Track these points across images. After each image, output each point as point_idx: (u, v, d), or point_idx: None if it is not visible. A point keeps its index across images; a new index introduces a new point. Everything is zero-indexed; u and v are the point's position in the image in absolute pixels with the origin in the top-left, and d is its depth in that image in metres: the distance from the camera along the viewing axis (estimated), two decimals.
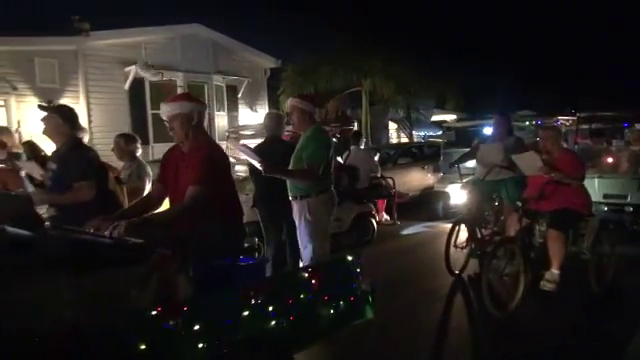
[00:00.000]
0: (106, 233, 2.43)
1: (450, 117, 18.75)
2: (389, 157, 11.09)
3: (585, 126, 9.49)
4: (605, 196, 6.88)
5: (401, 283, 5.45)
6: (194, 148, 2.92)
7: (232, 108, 13.15)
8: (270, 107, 14.30)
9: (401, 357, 3.63)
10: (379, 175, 7.92)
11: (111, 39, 10.59)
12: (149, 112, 11.26)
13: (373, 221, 7.27)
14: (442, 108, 19.12)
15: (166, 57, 11.43)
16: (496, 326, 4.03)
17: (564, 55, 28.42)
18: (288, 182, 4.03)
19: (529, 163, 4.61)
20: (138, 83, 11.07)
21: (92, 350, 1.82)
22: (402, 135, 21.15)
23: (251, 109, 13.68)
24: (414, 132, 20.42)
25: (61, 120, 3.45)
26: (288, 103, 4.08)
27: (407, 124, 19.11)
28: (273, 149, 4.56)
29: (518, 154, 4.81)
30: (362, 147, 7.97)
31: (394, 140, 21.28)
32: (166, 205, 3.13)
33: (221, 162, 2.93)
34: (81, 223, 2.62)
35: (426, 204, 9.36)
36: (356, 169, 7.32)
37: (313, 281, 3.09)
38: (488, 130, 16.55)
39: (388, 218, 8.09)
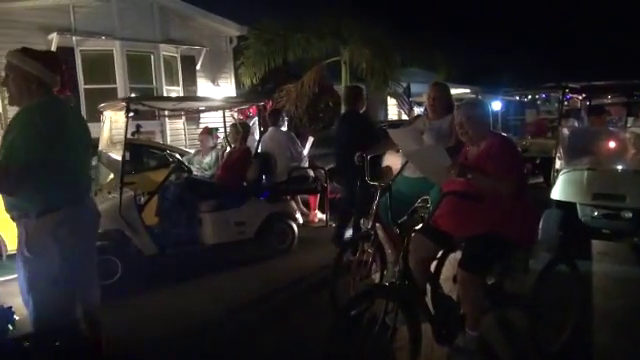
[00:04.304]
0: None
1: (462, 91, 16.71)
2: None
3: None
4: (595, 196, 5.05)
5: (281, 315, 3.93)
6: None
7: (189, 82, 11.57)
8: (236, 80, 12.69)
9: None
10: (305, 165, 6.28)
11: (29, 1, 9.10)
12: (81, 87, 9.82)
13: (292, 224, 5.67)
14: (453, 82, 17.10)
15: (100, 23, 9.89)
16: None
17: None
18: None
19: (430, 161, 2.90)
20: (67, 53, 9.57)
21: None
22: (403, 112, 19.18)
23: (213, 83, 12.09)
24: (416, 108, 18.44)
25: None
26: (7, 59, 2.48)
27: (405, 99, 17.16)
28: (346, 124, 5.10)
29: (413, 150, 3.09)
30: (283, 129, 6.31)
31: (395, 118, 19.35)
32: None
33: None
34: None
35: None
36: (269, 157, 5.71)
37: None
38: (497, 105, 14.51)
39: (323, 218, 6.47)
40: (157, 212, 5.44)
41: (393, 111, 20.13)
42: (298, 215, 5.81)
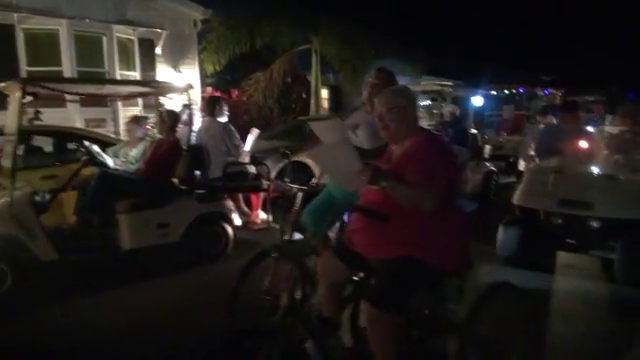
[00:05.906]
0: None
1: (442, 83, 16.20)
2: None
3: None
4: (562, 203, 4.52)
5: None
6: None
7: (148, 67, 10.79)
8: (200, 66, 11.94)
9: None
10: (246, 160, 5.65)
11: None
12: (23, 69, 9.01)
13: (227, 226, 5.06)
14: (435, 75, 16.61)
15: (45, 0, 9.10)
16: None
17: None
18: None
19: (337, 163, 2.29)
20: (7, 32, 8.80)
21: None
22: None
23: (174, 69, 11.33)
24: None
25: None
26: None
27: None
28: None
29: (318, 149, 2.45)
30: (222, 119, 5.65)
31: None
32: None
33: None
34: None
35: None
36: (201, 151, 5.07)
37: None
38: (478, 100, 13.86)
39: (265, 218, 5.85)
40: (75, 211, 4.81)
41: None
42: (235, 216, 5.20)
